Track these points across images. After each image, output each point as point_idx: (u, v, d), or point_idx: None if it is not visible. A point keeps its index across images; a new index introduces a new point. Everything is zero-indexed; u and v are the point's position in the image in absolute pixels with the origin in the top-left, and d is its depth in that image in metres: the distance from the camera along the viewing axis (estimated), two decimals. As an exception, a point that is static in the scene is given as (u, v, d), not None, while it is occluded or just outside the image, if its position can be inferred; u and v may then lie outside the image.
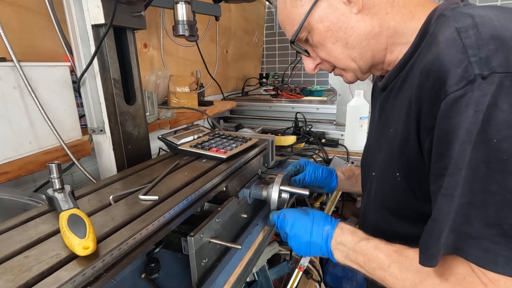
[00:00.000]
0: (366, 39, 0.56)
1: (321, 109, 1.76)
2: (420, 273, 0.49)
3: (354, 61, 0.60)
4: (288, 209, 0.73)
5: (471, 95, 0.39)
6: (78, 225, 0.44)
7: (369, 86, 1.56)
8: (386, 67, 0.61)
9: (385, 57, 0.59)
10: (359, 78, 0.65)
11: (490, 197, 0.39)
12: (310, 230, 0.66)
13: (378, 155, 0.65)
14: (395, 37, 0.56)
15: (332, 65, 0.64)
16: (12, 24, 0.87)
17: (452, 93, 0.41)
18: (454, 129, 0.41)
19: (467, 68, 0.40)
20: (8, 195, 0.67)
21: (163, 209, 0.56)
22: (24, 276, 0.38)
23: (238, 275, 0.66)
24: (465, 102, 0.40)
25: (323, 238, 0.64)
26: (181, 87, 1.42)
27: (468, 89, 0.39)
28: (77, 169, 0.92)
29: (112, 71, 0.81)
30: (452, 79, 0.41)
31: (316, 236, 0.65)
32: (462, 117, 0.40)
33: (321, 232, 0.65)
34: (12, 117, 0.70)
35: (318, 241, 0.65)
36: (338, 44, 0.58)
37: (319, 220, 0.67)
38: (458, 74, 0.40)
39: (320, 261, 1.69)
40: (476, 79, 0.39)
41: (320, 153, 1.46)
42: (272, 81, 2.60)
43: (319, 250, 0.65)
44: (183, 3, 0.86)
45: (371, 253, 0.57)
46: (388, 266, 0.53)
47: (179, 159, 0.83)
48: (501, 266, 0.39)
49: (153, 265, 0.66)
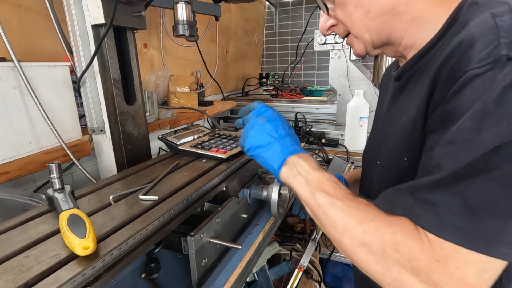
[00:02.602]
0: (389, 14, 0.53)
1: (321, 109, 1.76)
2: (368, 214, 0.47)
3: (368, 33, 0.57)
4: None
5: (491, 73, 0.37)
6: (78, 225, 0.44)
7: (369, 86, 1.56)
8: (402, 50, 0.58)
9: (402, 39, 0.56)
10: (368, 51, 0.61)
11: (473, 174, 0.37)
12: (281, 134, 0.61)
13: (385, 144, 0.62)
14: (419, 21, 0.53)
15: (346, 30, 0.61)
16: (12, 24, 0.87)
17: (472, 70, 0.38)
18: (463, 106, 0.39)
19: (495, 48, 0.37)
20: (8, 195, 0.67)
21: (163, 209, 0.56)
22: (24, 276, 0.38)
23: (238, 275, 0.66)
24: (483, 80, 0.37)
25: (285, 147, 0.60)
26: (181, 87, 1.42)
27: (489, 67, 0.37)
28: (77, 169, 0.92)
29: (112, 71, 0.81)
30: (476, 58, 0.38)
31: (279, 143, 0.60)
32: (474, 95, 0.38)
33: (287, 143, 0.61)
34: (12, 117, 0.70)
35: (277, 149, 0.60)
36: (360, 9, 0.55)
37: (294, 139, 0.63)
38: (484, 53, 0.38)
39: (320, 261, 1.69)
40: (501, 59, 0.37)
41: (320, 153, 1.46)
42: (272, 81, 2.60)
43: (272, 153, 0.60)
44: (183, 3, 0.86)
45: (326, 181, 0.54)
46: (340, 199, 0.50)
47: (179, 159, 0.83)
48: (449, 234, 0.39)
49: (153, 265, 0.66)
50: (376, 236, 0.44)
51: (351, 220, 0.48)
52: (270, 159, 0.60)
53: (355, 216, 0.48)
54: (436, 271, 0.40)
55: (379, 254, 0.44)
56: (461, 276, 0.38)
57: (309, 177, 0.56)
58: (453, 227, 0.39)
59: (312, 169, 0.57)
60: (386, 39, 0.57)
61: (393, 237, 0.43)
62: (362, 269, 0.47)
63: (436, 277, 0.39)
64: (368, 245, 0.45)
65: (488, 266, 0.38)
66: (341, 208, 0.50)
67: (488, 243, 0.37)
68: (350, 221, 0.48)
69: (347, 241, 0.47)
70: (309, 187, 0.55)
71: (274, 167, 0.60)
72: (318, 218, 0.53)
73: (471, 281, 0.38)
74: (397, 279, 0.42)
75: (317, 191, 0.53)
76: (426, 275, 0.40)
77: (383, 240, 0.44)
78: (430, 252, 0.40)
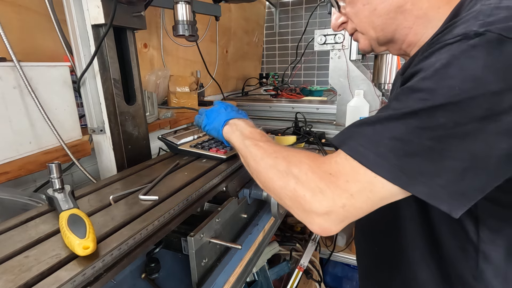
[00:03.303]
0: (395, 12, 0.55)
1: (321, 109, 1.76)
2: (282, 148, 0.56)
3: (374, 29, 0.58)
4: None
5: (458, 44, 0.39)
6: (78, 225, 0.44)
7: (369, 86, 1.56)
8: (405, 47, 0.59)
9: (407, 37, 0.57)
10: (373, 48, 0.63)
11: (412, 119, 0.40)
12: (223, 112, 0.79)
13: None
14: (424, 19, 0.54)
15: (354, 27, 0.63)
16: (12, 24, 0.87)
17: (443, 43, 0.41)
18: (425, 65, 0.41)
19: (469, 26, 0.39)
20: (8, 195, 0.67)
21: (163, 209, 0.56)
22: (24, 276, 0.38)
23: (238, 275, 0.66)
24: (448, 48, 0.40)
25: (229, 114, 0.77)
26: (181, 87, 1.42)
27: (458, 39, 0.39)
28: (77, 169, 0.92)
29: (112, 71, 0.81)
30: (450, 36, 0.41)
31: (225, 114, 0.77)
32: (435, 58, 0.40)
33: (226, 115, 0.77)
34: (12, 117, 0.70)
35: (223, 116, 0.76)
36: (368, 7, 0.57)
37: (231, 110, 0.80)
38: (459, 30, 0.40)
39: (320, 261, 1.69)
40: (470, 34, 0.38)
41: (320, 153, 1.46)
42: (272, 81, 2.60)
43: (219, 120, 0.77)
44: (183, 3, 0.86)
45: (256, 133, 0.67)
46: (263, 142, 0.61)
47: (179, 159, 0.83)
48: (350, 151, 0.43)
49: (153, 265, 0.66)
50: (284, 159, 0.52)
51: (267, 151, 0.57)
52: (217, 124, 0.77)
53: (272, 149, 0.57)
54: (326, 180, 0.44)
55: (283, 171, 0.50)
56: (347, 187, 0.43)
57: (244, 131, 0.69)
58: (359, 149, 0.43)
59: (247, 126, 0.71)
60: (391, 36, 0.58)
61: (298, 159, 0.50)
62: (269, 188, 0.54)
63: (324, 185, 0.44)
64: (276, 166, 0.52)
65: (376, 187, 0.42)
66: (262, 147, 0.59)
67: (387, 169, 0.40)
68: (267, 152, 0.57)
69: (261, 167, 0.56)
70: (242, 137, 0.67)
71: (218, 128, 0.76)
72: (244, 157, 0.64)
73: (354, 193, 0.42)
74: (293, 189, 0.47)
75: (247, 138, 0.65)
76: (316, 183, 0.45)
77: (289, 161, 0.51)
78: (327, 168, 0.45)
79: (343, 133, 0.48)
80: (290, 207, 0.50)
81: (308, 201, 0.45)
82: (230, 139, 0.73)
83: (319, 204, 0.44)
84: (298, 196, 0.46)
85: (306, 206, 0.45)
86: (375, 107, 1.55)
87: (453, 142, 0.38)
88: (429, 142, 0.38)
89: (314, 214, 0.45)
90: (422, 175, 0.39)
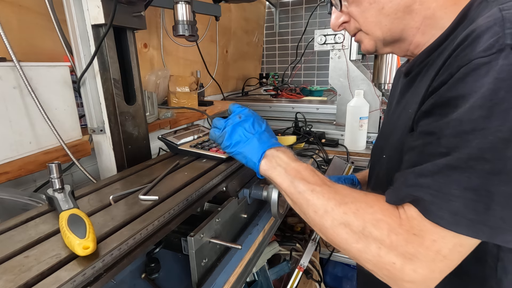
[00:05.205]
0: (403, 12, 0.53)
1: (321, 109, 1.76)
2: (347, 197, 0.49)
3: (381, 30, 0.57)
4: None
5: (496, 63, 0.37)
6: (78, 225, 0.44)
7: (369, 86, 1.56)
8: (413, 48, 0.58)
9: (414, 37, 0.56)
10: (378, 49, 0.61)
11: (480, 164, 0.38)
12: (258, 131, 0.65)
13: (391, 137, 0.63)
14: (432, 19, 0.53)
15: (357, 27, 0.61)
16: (12, 24, 0.87)
17: (476, 59, 0.39)
18: (466, 94, 0.39)
19: (500, 38, 0.38)
20: (8, 195, 0.67)
21: (163, 209, 0.56)
22: (24, 276, 0.38)
23: (238, 275, 0.66)
24: (487, 68, 0.37)
25: (263, 142, 0.63)
26: (181, 87, 1.42)
27: (494, 57, 0.37)
28: (77, 169, 0.92)
29: (112, 71, 0.81)
30: (481, 48, 0.39)
31: (257, 139, 0.64)
32: (479, 83, 0.38)
33: (265, 139, 0.65)
34: (12, 117, 0.70)
35: (255, 144, 0.63)
36: (374, 6, 0.55)
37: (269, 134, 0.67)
38: (489, 43, 0.38)
39: (320, 261, 1.69)
40: (505, 48, 0.37)
41: (320, 153, 1.46)
42: (272, 81, 2.60)
43: (251, 148, 0.63)
44: (183, 3, 0.86)
45: (304, 170, 0.57)
46: (319, 185, 0.52)
47: (179, 159, 0.83)
48: (432, 215, 0.40)
49: (153, 265, 0.66)
50: (356, 216, 0.46)
51: (331, 203, 0.49)
52: (250, 154, 0.63)
53: (334, 199, 0.49)
54: (414, 243, 0.41)
55: (359, 232, 0.45)
56: (437, 248, 0.40)
57: (288, 168, 0.59)
58: (444, 211, 0.40)
59: (290, 160, 0.60)
60: (399, 36, 0.57)
61: (373, 216, 0.45)
62: (343, 249, 0.48)
63: (413, 249, 0.41)
64: (349, 225, 0.46)
65: (463, 241, 0.40)
66: (321, 192, 0.51)
67: (465, 226, 0.39)
68: (330, 204, 0.49)
69: (328, 223, 0.49)
70: (289, 176, 0.57)
71: (254, 161, 0.62)
72: (298, 205, 0.55)
73: (447, 254, 0.40)
74: (376, 255, 0.43)
75: (297, 179, 0.55)
76: (404, 248, 0.41)
77: (363, 219, 0.45)
78: (408, 227, 0.42)
79: (404, 183, 0.44)
80: (373, 272, 0.46)
81: (399, 269, 0.42)
82: (270, 177, 0.61)
83: (414, 273, 0.41)
84: (385, 263, 0.43)
85: (397, 275, 0.42)
86: (375, 107, 1.55)
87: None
88: (505, 187, 0.36)
89: (408, 283, 0.42)
90: (505, 223, 0.37)
